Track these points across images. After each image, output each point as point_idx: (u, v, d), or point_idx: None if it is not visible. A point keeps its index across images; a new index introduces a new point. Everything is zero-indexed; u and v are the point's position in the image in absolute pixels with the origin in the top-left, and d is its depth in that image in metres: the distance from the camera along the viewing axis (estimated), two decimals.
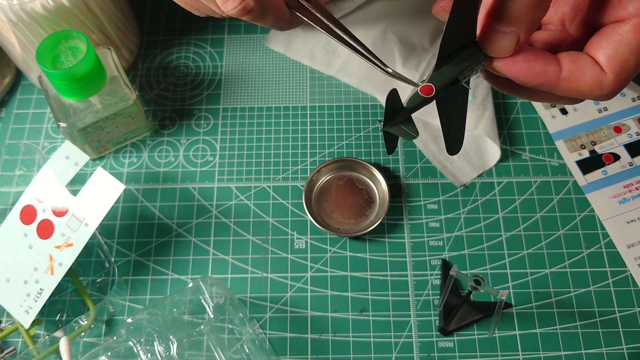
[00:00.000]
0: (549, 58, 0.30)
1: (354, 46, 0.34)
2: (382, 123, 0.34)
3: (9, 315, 0.45)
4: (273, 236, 0.47)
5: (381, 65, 0.33)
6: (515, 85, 0.31)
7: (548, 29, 0.35)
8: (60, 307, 0.45)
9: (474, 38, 0.29)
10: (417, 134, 0.33)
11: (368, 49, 0.34)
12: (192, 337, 0.41)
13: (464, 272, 0.46)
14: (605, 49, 0.30)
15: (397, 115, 0.33)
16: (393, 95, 0.32)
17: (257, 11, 0.33)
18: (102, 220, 0.42)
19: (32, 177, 0.44)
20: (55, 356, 0.43)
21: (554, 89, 0.30)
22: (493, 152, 0.50)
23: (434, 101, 0.31)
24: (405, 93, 0.47)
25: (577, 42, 0.32)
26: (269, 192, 0.49)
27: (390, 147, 0.37)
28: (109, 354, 0.39)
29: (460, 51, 0.29)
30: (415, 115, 0.35)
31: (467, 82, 0.31)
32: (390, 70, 0.33)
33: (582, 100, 0.32)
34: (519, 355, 0.43)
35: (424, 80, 0.30)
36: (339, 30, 0.35)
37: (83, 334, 0.44)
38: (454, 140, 0.35)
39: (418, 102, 0.31)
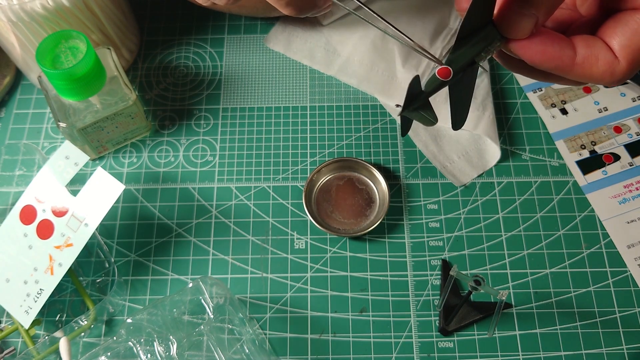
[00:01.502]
0: (564, 42, 0.29)
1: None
2: (400, 107, 0.33)
3: (8, 315, 0.45)
4: (273, 236, 0.47)
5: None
6: (527, 66, 0.31)
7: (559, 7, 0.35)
8: (60, 307, 0.45)
9: (491, 18, 0.29)
10: (436, 119, 0.33)
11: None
12: (192, 338, 0.41)
13: (464, 272, 0.46)
14: (621, 37, 0.29)
15: (415, 100, 0.33)
16: (415, 81, 0.32)
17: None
18: (102, 221, 0.42)
19: (32, 177, 0.44)
20: (55, 356, 0.43)
21: (567, 74, 0.30)
22: (493, 152, 0.50)
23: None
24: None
25: (588, 24, 0.32)
26: (269, 192, 0.49)
27: (405, 129, 0.36)
28: (109, 354, 0.39)
29: (477, 32, 0.29)
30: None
31: (483, 63, 0.30)
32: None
33: (587, 83, 0.32)
34: (519, 355, 0.43)
35: (441, 62, 0.30)
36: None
37: (83, 334, 0.44)
38: (460, 116, 0.35)
39: (435, 85, 0.31)
